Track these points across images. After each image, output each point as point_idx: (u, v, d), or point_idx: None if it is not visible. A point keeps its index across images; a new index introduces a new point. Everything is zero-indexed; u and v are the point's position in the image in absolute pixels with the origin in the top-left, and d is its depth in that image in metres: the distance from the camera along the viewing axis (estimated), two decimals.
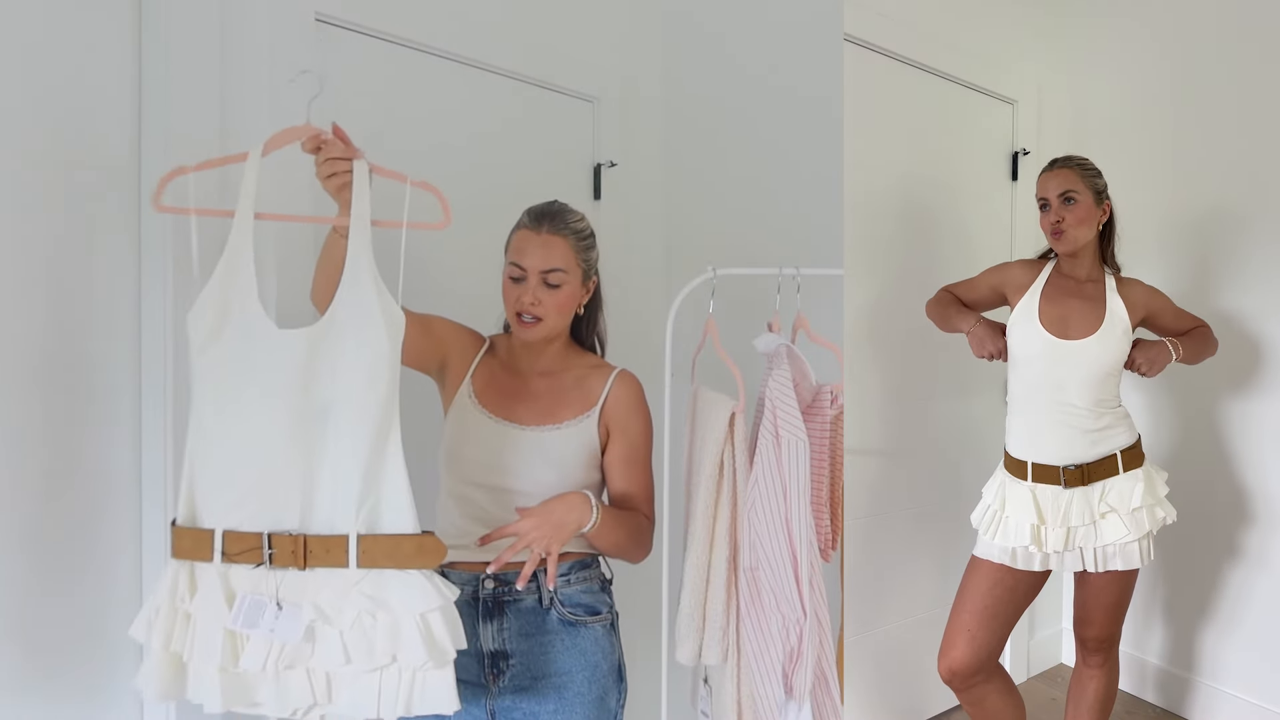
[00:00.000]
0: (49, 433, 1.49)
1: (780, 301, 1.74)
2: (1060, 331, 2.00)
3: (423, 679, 1.27)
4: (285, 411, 1.26)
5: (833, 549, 1.78)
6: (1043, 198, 2.04)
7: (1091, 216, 2.01)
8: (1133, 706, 2.80)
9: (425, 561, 1.27)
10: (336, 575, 1.27)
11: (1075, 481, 1.99)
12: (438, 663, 1.26)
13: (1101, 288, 2.03)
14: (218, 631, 1.26)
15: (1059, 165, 2.04)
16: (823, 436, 1.71)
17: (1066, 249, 2.02)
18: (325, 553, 1.27)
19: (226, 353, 1.26)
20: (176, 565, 1.29)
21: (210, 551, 1.27)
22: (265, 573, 1.27)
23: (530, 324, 1.55)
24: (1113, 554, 1.99)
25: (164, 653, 1.27)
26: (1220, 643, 2.64)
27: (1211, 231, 2.61)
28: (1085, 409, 1.98)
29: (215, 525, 1.28)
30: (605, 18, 2.48)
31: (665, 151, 2.63)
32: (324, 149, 1.31)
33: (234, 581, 1.28)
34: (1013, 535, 2.01)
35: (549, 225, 1.56)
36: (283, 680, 1.28)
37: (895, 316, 2.55)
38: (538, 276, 1.54)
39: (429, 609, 1.27)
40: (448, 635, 1.27)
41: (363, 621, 1.26)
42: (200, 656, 1.27)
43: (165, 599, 1.28)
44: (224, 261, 1.27)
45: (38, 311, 1.48)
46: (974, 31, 2.75)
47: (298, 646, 1.26)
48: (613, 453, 1.60)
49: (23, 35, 1.45)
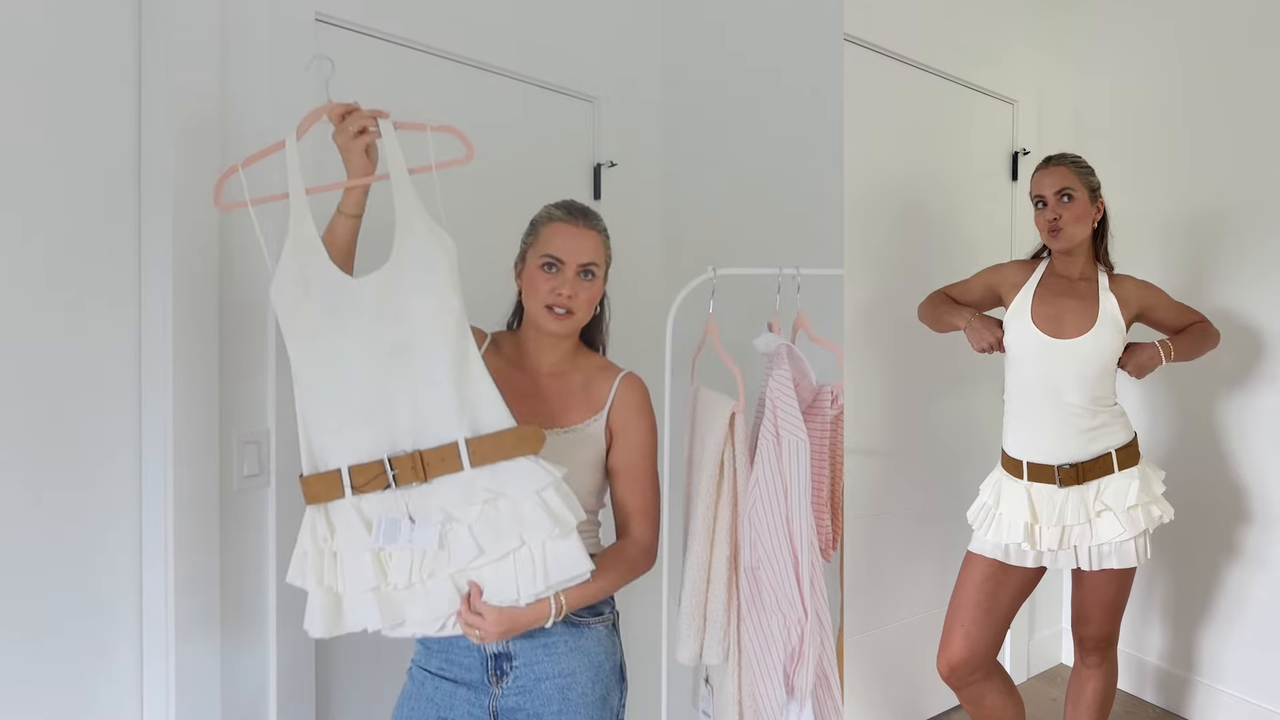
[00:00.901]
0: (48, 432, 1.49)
1: (780, 301, 1.74)
2: (1054, 330, 2.01)
3: (553, 550, 1.40)
4: (375, 348, 1.39)
5: (833, 549, 1.78)
6: (1038, 195, 2.04)
7: (1087, 214, 2.02)
8: (1132, 706, 2.80)
9: (528, 448, 1.40)
10: (456, 479, 1.39)
11: (1070, 480, 1.99)
12: (563, 532, 1.40)
13: (1095, 286, 2.04)
14: (364, 557, 1.39)
15: (1054, 163, 2.05)
16: (823, 436, 1.71)
17: (1063, 246, 2.02)
18: (441, 461, 1.39)
19: (314, 312, 1.39)
20: (313, 511, 1.41)
21: (341, 488, 1.39)
22: (393, 494, 1.40)
23: (562, 316, 1.55)
24: (1109, 552, 1.99)
25: (320, 589, 1.40)
26: (1219, 642, 2.64)
27: (1211, 230, 2.61)
28: (1080, 407, 1.99)
29: (340, 464, 1.40)
30: (605, 17, 2.48)
31: (665, 151, 2.63)
32: (353, 113, 1.42)
33: (367, 510, 1.40)
34: (1005, 532, 2.02)
35: (584, 220, 1.59)
36: (430, 590, 1.40)
37: (895, 316, 2.55)
38: (576, 268, 1.56)
39: (543, 486, 1.39)
40: (565, 506, 1.40)
41: (487, 513, 1.39)
42: (353, 584, 1.39)
43: (310, 544, 1.41)
44: (291, 236, 1.40)
45: (38, 311, 1.48)
46: (974, 31, 2.75)
47: (436, 555, 1.39)
48: (615, 456, 1.60)
49: (23, 35, 1.46)
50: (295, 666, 1.77)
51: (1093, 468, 1.99)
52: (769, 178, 2.37)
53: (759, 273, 1.76)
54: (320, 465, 1.41)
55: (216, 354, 1.64)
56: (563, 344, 1.62)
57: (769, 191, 2.37)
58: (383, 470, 1.39)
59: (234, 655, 1.68)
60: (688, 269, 1.91)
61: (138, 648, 1.61)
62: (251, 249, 1.51)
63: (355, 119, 1.41)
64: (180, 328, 1.57)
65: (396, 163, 1.40)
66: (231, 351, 1.67)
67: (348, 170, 1.44)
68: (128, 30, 1.58)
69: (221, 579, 1.65)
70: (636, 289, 2.43)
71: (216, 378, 1.64)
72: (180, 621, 1.57)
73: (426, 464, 1.39)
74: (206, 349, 1.62)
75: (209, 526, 1.62)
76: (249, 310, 1.69)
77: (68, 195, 1.51)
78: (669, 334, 1.75)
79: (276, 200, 1.43)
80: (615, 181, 2.47)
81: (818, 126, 2.24)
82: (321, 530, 1.40)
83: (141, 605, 1.60)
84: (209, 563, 1.62)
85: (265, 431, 1.73)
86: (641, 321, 2.38)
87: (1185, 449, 2.66)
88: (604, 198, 2.44)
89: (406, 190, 1.40)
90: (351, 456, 1.40)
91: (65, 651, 1.52)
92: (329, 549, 1.40)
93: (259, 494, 1.73)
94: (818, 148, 2.24)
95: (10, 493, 1.45)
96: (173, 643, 1.57)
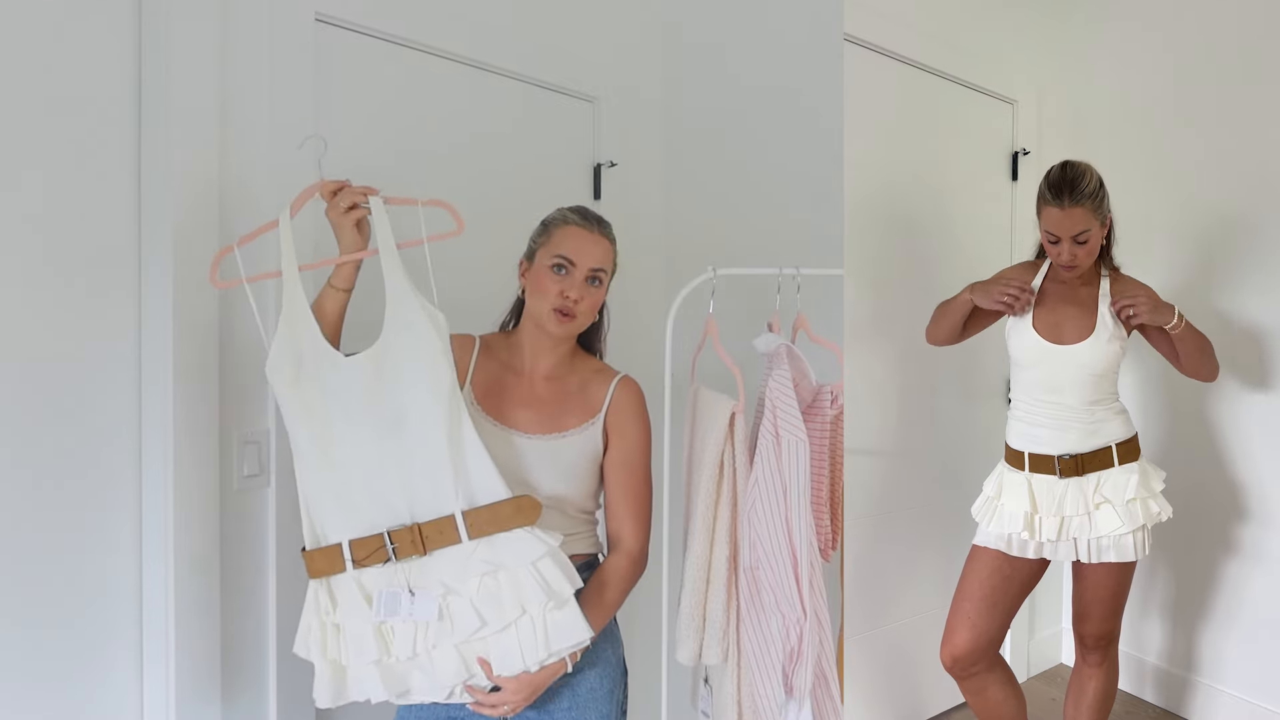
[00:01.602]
0: (48, 433, 1.49)
1: (780, 301, 1.74)
2: (1054, 337, 2.02)
3: (554, 620, 1.43)
4: (371, 426, 1.42)
5: (833, 549, 1.78)
6: (1054, 235, 1.96)
7: (1099, 242, 1.99)
8: (1132, 706, 2.80)
9: (524, 519, 1.42)
10: (454, 551, 1.42)
11: (1070, 472, 2.01)
12: (558, 603, 1.42)
13: (1095, 291, 2.04)
14: (366, 630, 1.41)
15: (1071, 202, 1.91)
16: (823, 436, 1.71)
17: (1076, 276, 2.02)
18: (439, 534, 1.42)
19: (309, 391, 1.42)
20: (315, 585, 1.44)
21: (342, 563, 1.42)
22: (393, 568, 1.42)
23: (566, 319, 1.56)
24: (1107, 545, 2.00)
25: (325, 661, 1.43)
26: (1219, 641, 2.64)
27: (1210, 231, 2.61)
28: (1081, 408, 2.01)
29: (340, 538, 1.43)
30: (605, 18, 2.48)
31: (665, 151, 2.63)
32: (344, 190, 1.44)
33: (368, 584, 1.43)
34: (1007, 522, 2.05)
35: (598, 227, 1.61)
36: (435, 660, 1.42)
37: (895, 316, 2.55)
38: (586, 272, 1.56)
39: (538, 557, 1.42)
40: (561, 575, 1.43)
41: (486, 585, 1.41)
42: (356, 656, 1.42)
43: (314, 617, 1.44)
44: (285, 314, 1.42)
45: (38, 311, 1.48)
46: (974, 31, 2.75)
47: (438, 626, 1.41)
48: (611, 458, 1.61)
49: (23, 35, 1.46)
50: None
51: (1093, 460, 2.00)
52: (769, 178, 2.37)
53: (759, 273, 1.76)
54: (321, 539, 1.44)
55: (216, 354, 1.64)
56: (561, 347, 1.62)
57: (769, 192, 2.37)
58: (383, 544, 1.41)
59: (234, 655, 1.68)
60: (688, 269, 1.91)
61: (138, 648, 1.61)
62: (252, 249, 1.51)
63: (346, 195, 1.43)
64: (180, 327, 1.57)
65: (385, 239, 1.43)
66: (231, 351, 1.67)
67: (339, 245, 1.46)
68: (128, 28, 1.58)
69: (222, 579, 1.65)
70: (636, 289, 2.43)
71: (216, 378, 1.64)
72: (180, 621, 1.57)
73: (425, 537, 1.41)
74: (206, 349, 1.62)
75: (209, 526, 1.62)
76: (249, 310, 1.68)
77: (67, 195, 1.51)
78: (669, 334, 1.75)
79: (271, 278, 1.47)
80: (615, 181, 2.47)
81: (818, 126, 2.24)
82: (324, 603, 1.43)
83: (141, 605, 1.60)
84: (209, 563, 1.62)
85: (265, 431, 1.73)
86: (641, 321, 2.38)
87: (1184, 448, 2.66)
88: (604, 198, 2.44)
89: (395, 267, 1.42)
90: (351, 531, 1.43)
91: (65, 651, 1.52)
92: (331, 622, 1.43)
93: (259, 494, 1.73)
94: (818, 147, 2.24)
95: (10, 493, 1.45)
96: (173, 642, 1.57)
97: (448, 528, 1.41)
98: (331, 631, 1.43)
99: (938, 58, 2.60)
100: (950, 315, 2.12)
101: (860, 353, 2.47)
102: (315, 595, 1.44)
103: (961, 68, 2.68)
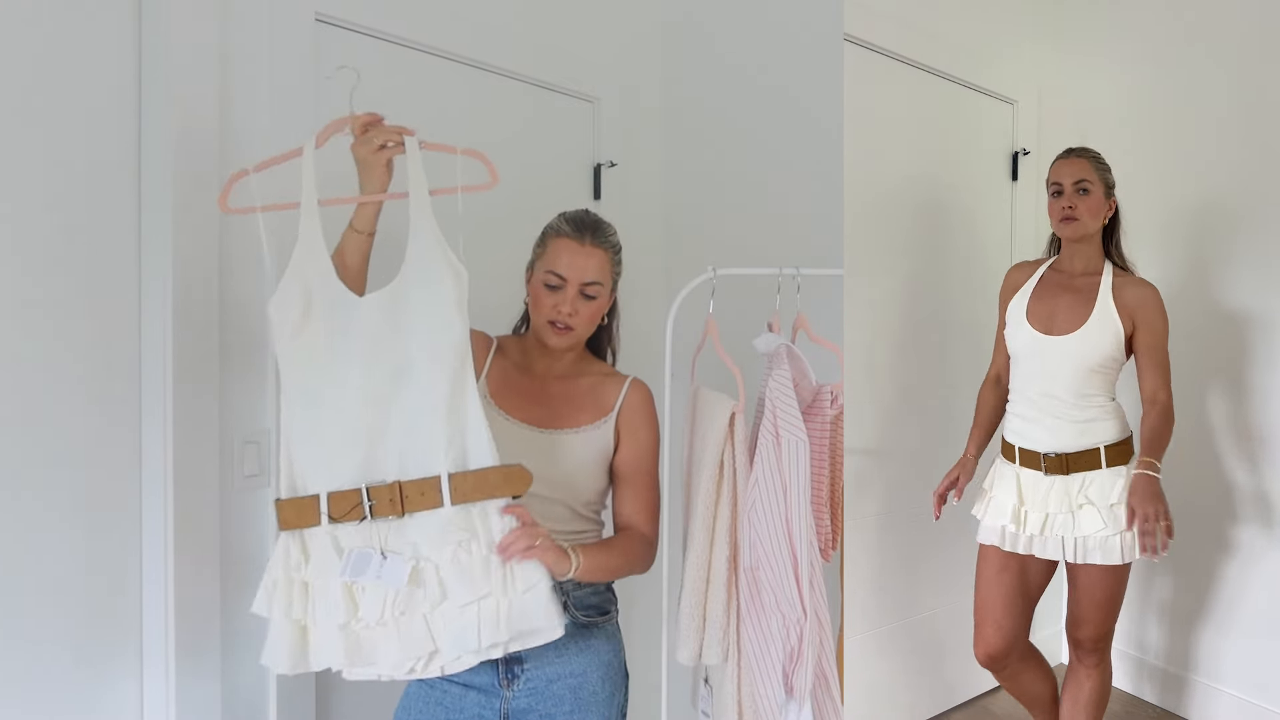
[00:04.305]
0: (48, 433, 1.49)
1: (780, 301, 1.74)
2: (1045, 327, 2.03)
3: (520, 605, 1.34)
4: (373, 371, 1.35)
5: (833, 549, 1.78)
6: (1056, 183, 2.06)
7: (1100, 208, 2.04)
8: (1131, 706, 2.80)
9: (512, 489, 1.36)
10: (434, 516, 1.35)
11: (1055, 469, 2.01)
12: (527, 585, 1.34)
13: (1096, 282, 2.04)
14: (335, 590, 1.33)
15: (1074, 155, 2.07)
16: (823, 436, 1.72)
17: (1075, 235, 2.04)
18: (420, 495, 1.34)
19: (319, 331, 1.35)
20: (286, 537, 1.35)
21: (318, 515, 1.34)
22: (369, 526, 1.35)
23: (562, 331, 1.56)
24: (1093, 547, 1.99)
25: (286, 621, 1.34)
26: (1217, 641, 2.64)
27: (1210, 229, 2.61)
28: (1070, 401, 2.01)
29: (319, 489, 1.35)
30: (606, 18, 2.48)
31: (665, 152, 2.63)
32: (378, 126, 1.38)
33: (343, 541, 1.35)
34: (996, 514, 2.08)
35: (591, 237, 1.57)
36: (401, 629, 1.34)
37: (896, 316, 2.55)
38: (577, 287, 1.55)
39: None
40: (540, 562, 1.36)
41: (459, 556, 1.34)
42: (322, 617, 1.34)
43: (280, 571, 1.35)
44: (299, 249, 1.35)
45: (38, 311, 1.48)
46: (974, 32, 2.75)
47: (410, 594, 1.33)
48: (622, 458, 1.62)
49: (23, 35, 1.45)
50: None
51: (1079, 460, 2.01)
52: (769, 177, 2.37)
53: (759, 273, 1.76)
54: (299, 489, 1.37)
55: (216, 354, 1.64)
56: (569, 352, 1.64)
57: (769, 191, 2.37)
58: (360, 500, 1.34)
59: (234, 655, 1.68)
60: (688, 269, 1.91)
61: (137, 648, 1.61)
62: (252, 249, 1.51)
63: (380, 133, 1.37)
64: (180, 328, 1.57)
65: (418, 182, 1.37)
66: (231, 352, 1.67)
67: (364, 185, 1.41)
68: (128, 28, 1.58)
69: (222, 579, 1.65)
70: (636, 289, 2.42)
71: (216, 378, 1.63)
72: (180, 622, 1.57)
73: (405, 497, 1.35)
74: (206, 349, 1.62)
75: (209, 526, 1.62)
76: (249, 310, 1.69)
77: (67, 196, 1.51)
78: (669, 334, 1.75)
79: (287, 209, 1.39)
80: (615, 181, 2.47)
81: (818, 126, 2.24)
82: (295, 558, 1.35)
83: (141, 605, 1.60)
84: (209, 562, 1.62)
85: (265, 431, 1.73)
86: (641, 321, 2.38)
87: (1180, 448, 2.65)
88: (604, 198, 2.44)
89: (425, 211, 1.36)
90: (333, 482, 1.36)
91: (65, 652, 1.51)
92: (300, 578, 1.35)
93: (259, 494, 1.72)
94: (818, 147, 2.24)
95: (10, 493, 1.45)
96: (173, 643, 1.57)
97: (430, 489, 1.34)
98: (299, 590, 1.35)
99: (938, 58, 2.60)
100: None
101: (860, 353, 2.47)
102: (286, 549, 1.35)
103: (961, 68, 2.68)
